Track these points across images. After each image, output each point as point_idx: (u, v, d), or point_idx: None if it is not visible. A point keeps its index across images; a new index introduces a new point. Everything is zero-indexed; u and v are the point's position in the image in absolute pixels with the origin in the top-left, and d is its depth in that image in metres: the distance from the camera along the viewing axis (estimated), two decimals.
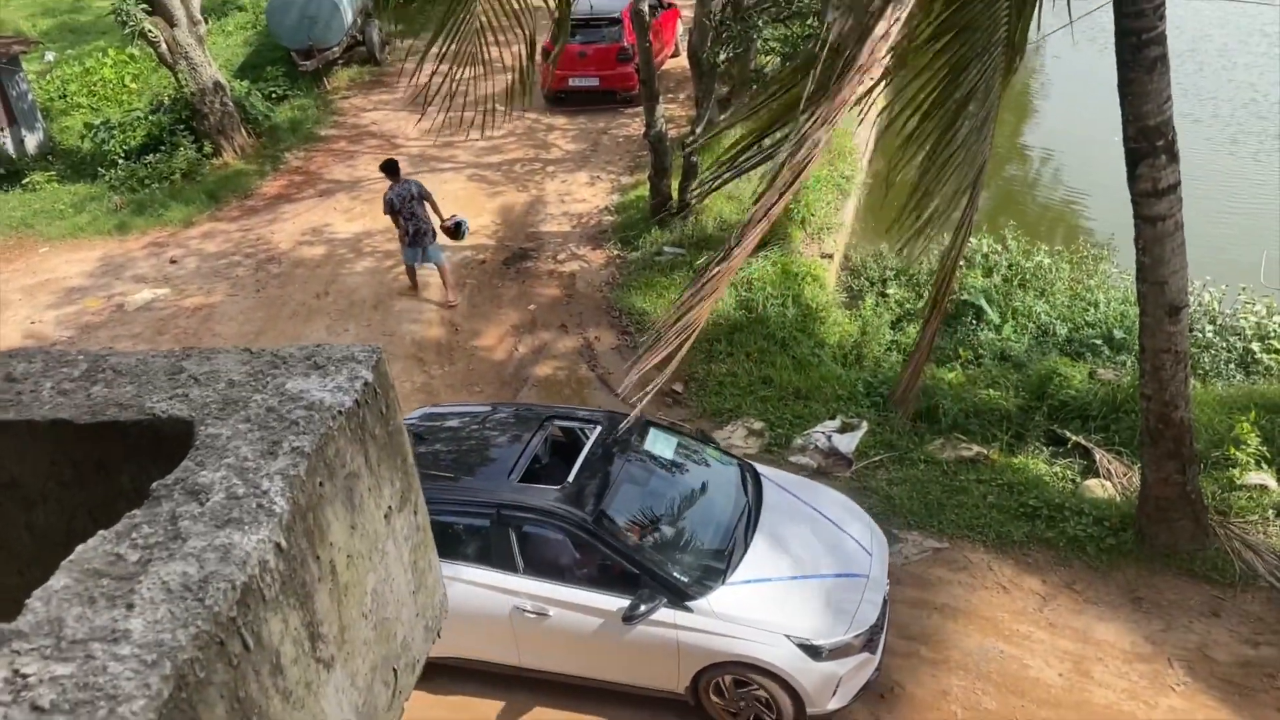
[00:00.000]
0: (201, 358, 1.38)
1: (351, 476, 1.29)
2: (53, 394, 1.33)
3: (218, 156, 16.49)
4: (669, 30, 18.25)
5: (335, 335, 12.12)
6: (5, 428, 1.31)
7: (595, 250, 13.82)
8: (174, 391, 1.32)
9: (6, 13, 25.08)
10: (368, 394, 1.32)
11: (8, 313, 13.12)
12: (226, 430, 1.24)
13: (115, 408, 1.30)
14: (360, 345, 1.38)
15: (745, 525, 6.94)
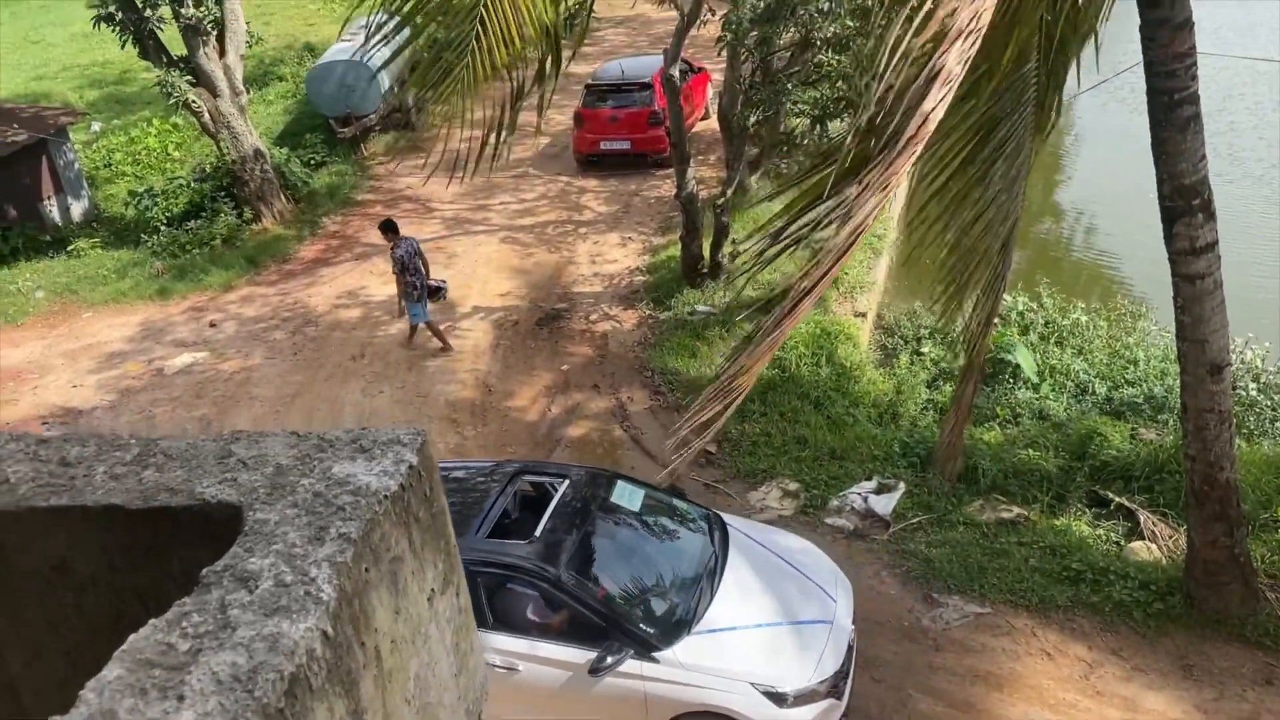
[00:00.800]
0: (250, 441, 1.39)
1: (396, 560, 1.29)
2: (105, 479, 1.35)
3: (257, 222, 16.84)
4: (699, 94, 18.51)
5: (370, 397, 12.23)
6: (59, 512, 1.32)
7: (627, 310, 13.89)
8: (223, 476, 1.33)
9: (55, 85, 25.94)
10: (412, 477, 1.33)
11: (50, 377, 13.36)
12: (274, 515, 1.25)
13: (166, 493, 1.31)
14: (405, 428, 1.39)
15: (712, 575, 7.01)
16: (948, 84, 3.66)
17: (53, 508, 1.33)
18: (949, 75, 3.68)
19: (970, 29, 3.70)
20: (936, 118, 3.69)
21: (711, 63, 18.66)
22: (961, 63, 3.68)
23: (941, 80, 3.65)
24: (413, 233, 16.59)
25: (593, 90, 17.77)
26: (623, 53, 21.80)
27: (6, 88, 25.39)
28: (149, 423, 12.11)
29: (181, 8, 15.48)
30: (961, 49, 3.68)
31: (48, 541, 1.36)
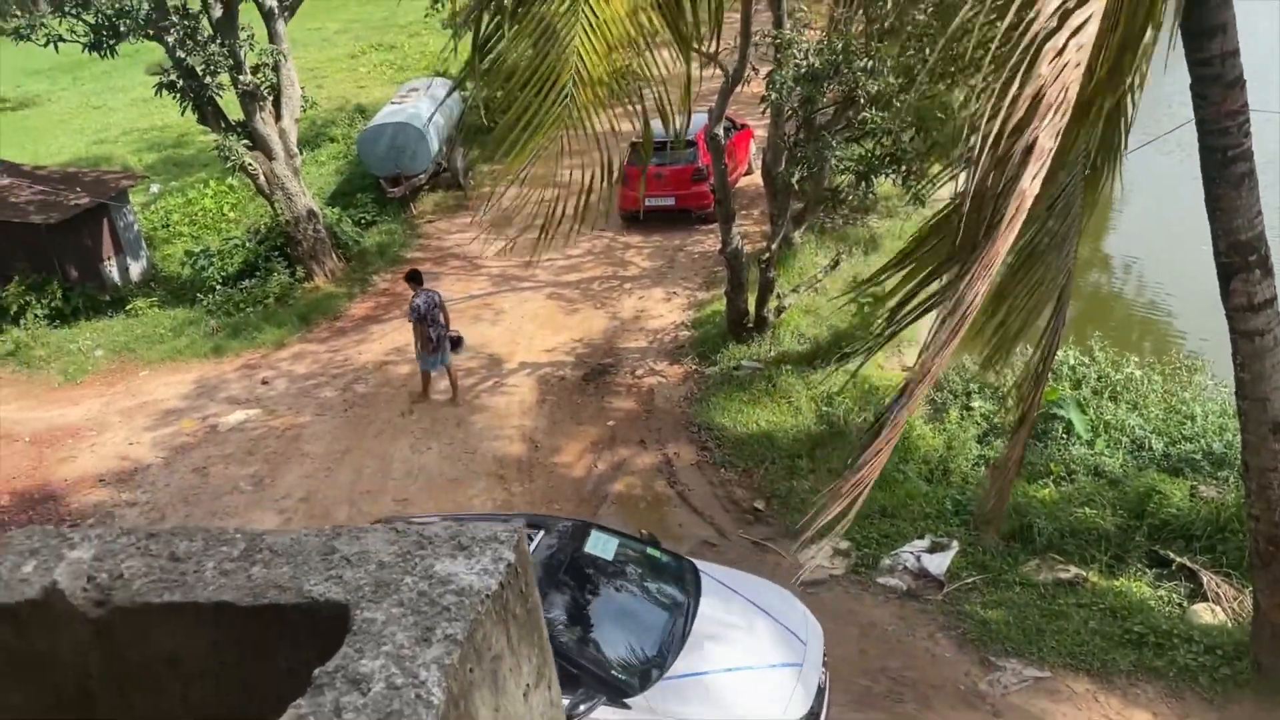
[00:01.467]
0: (351, 537, 1.43)
1: (496, 659, 1.32)
2: (215, 575, 1.39)
3: (309, 280, 17.18)
4: (743, 150, 18.69)
5: (419, 454, 12.33)
6: (172, 609, 1.36)
7: (673, 365, 13.94)
8: (328, 573, 1.37)
9: (115, 148, 26.82)
10: (510, 574, 1.36)
11: (108, 434, 13.65)
12: (381, 615, 1.28)
13: (275, 590, 1.35)
14: (502, 525, 1.43)
15: (684, 621, 7.11)
16: (1041, 160, 3.67)
17: (166, 604, 1.38)
18: (1042, 151, 3.69)
19: (1060, 102, 3.72)
20: (1033, 194, 3.69)
21: (754, 119, 18.86)
22: (1053, 137, 3.69)
23: (1036, 156, 3.66)
24: (460, 289, 16.92)
25: (637, 148, 17.96)
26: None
27: (69, 151, 26.31)
28: (202, 479, 12.31)
29: (240, 75, 15.99)
30: (1054, 123, 3.69)
31: (160, 636, 1.40)
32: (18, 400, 14.84)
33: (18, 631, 1.46)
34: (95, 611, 1.43)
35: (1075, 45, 3.88)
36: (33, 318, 16.56)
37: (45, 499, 12.20)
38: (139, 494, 12.14)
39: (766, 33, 12.66)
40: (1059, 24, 3.91)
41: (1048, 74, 3.77)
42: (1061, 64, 3.84)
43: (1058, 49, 3.84)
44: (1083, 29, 3.92)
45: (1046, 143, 3.71)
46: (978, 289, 3.86)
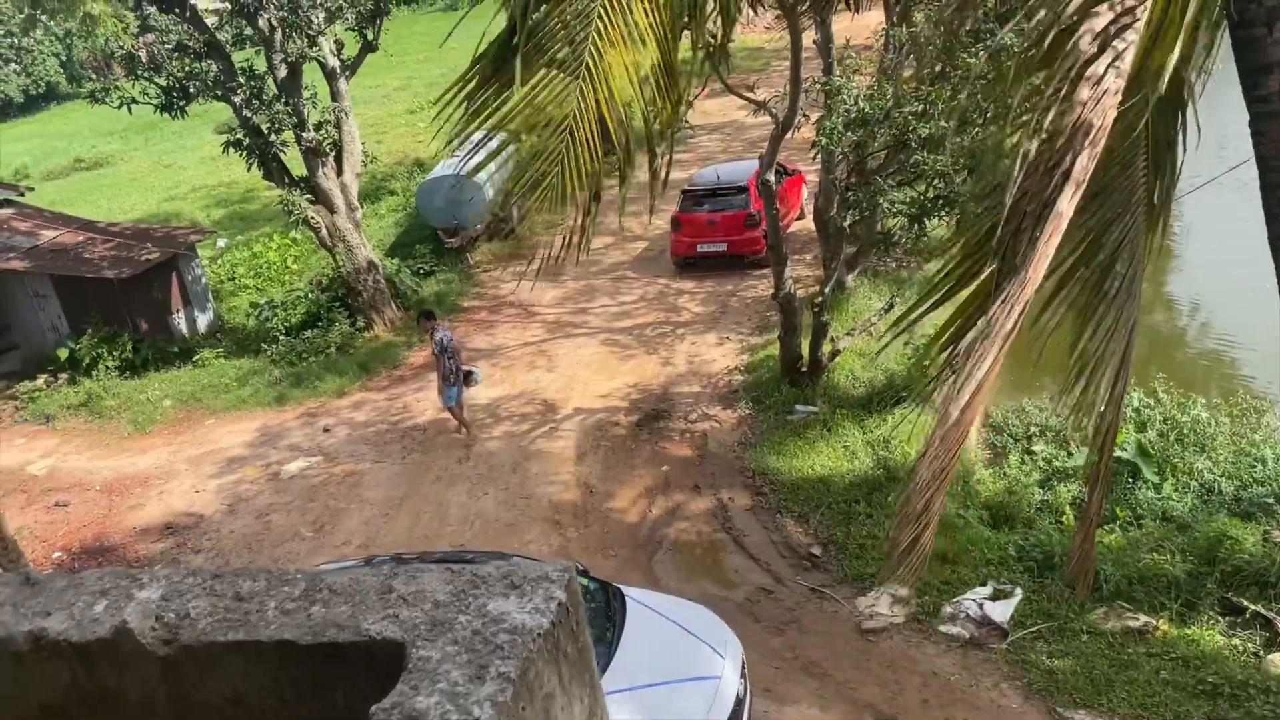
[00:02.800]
0: (408, 576, 1.47)
1: (548, 697, 1.34)
2: (277, 614, 1.44)
3: (369, 330, 17.53)
4: (794, 195, 18.76)
5: (475, 500, 12.42)
6: (236, 647, 1.41)
7: (726, 410, 13.91)
8: (385, 612, 1.41)
9: (185, 204, 27.76)
10: (562, 614, 1.39)
11: (174, 482, 13.97)
12: (436, 653, 1.31)
13: (334, 628, 1.39)
14: (553, 564, 1.46)
15: (609, 643, 7.48)
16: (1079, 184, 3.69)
17: (230, 642, 1.42)
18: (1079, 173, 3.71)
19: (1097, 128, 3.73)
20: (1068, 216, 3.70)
21: (806, 164, 18.95)
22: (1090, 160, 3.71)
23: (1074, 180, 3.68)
24: (515, 337, 17.15)
25: (689, 195, 18.17)
26: (717, 158, 22.30)
27: (141, 209, 27.29)
28: (264, 526, 12.52)
29: (303, 132, 16.50)
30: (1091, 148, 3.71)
31: (224, 674, 1.45)
32: (90, 450, 15.28)
33: (89, 669, 1.52)
34: (163, 650, 1.48)
35: (1114, 72, 3.89)
36: (104, 369, 17.10)
37: (114, 546, 12.49)
38: (204, 541, 12.38)
39: (816, 79, 12.76)
40: (1099, 50, 3.93)
41: (1087, 99, 3.79)
42: (1100, 90, 3.85)
43: (1097, 76, 3.86)
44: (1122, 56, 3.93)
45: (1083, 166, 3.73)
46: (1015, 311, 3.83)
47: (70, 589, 1.56)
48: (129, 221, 21.98)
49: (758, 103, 13.02)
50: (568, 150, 5.54)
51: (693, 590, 10.29)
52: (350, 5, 16.57)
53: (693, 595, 10.22)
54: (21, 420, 16.62)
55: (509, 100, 5.64)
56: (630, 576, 10.70)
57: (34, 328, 18.45)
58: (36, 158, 35.53)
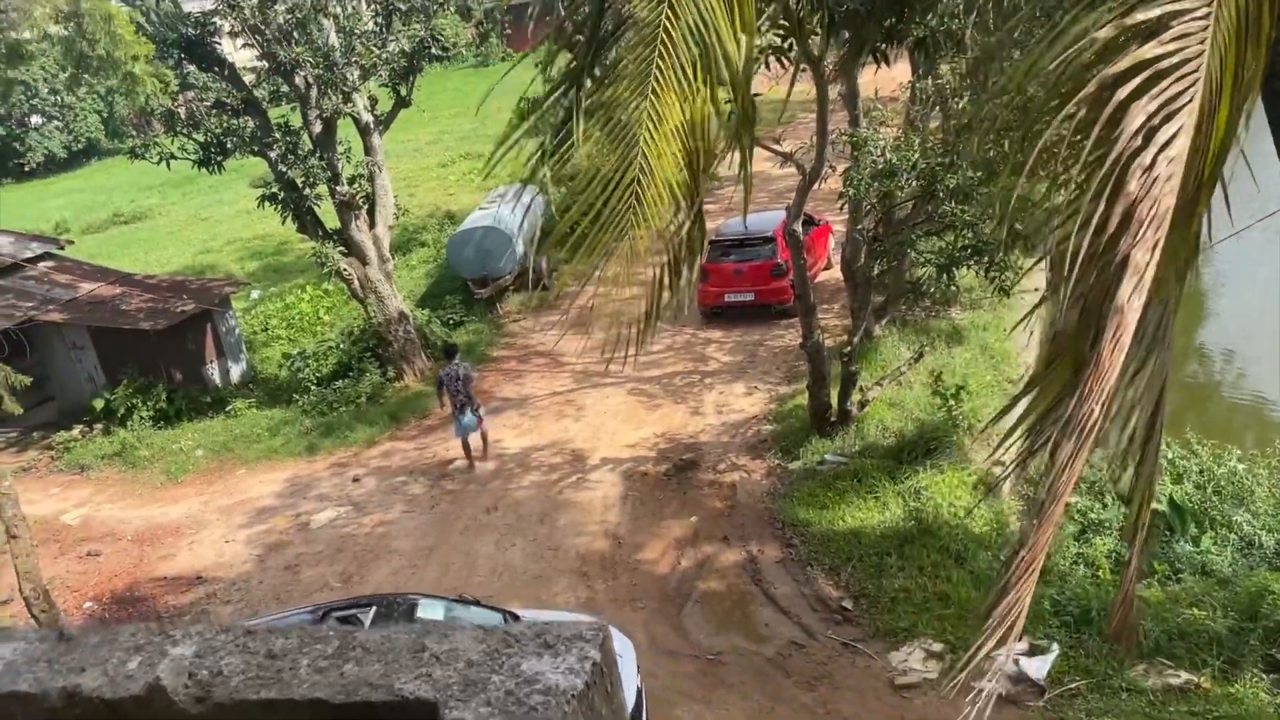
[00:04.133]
0: (440, 635, 1.47)
1: None
2: (310, 671, 1.44)
3: (399, 380, 17.65)
4: (821, 245, 18.80)
5: (504, 550, 12.39)
6: (268, 705, 1.41)
7: (755, 460, 13.83)
8: (418, 671, 1.40)
9: (221, 257, 28.24)
10: (596, 674, 1.38)
11: (205, 532, 14.05)
12: (469, 714, 1.31)
13: (367, 687, 1.39)
14: (587, 622, 1.45)
15: None
16: (1139, 275, 3.56)
17: (263, 700, 1.42)
18: (1139, 266, 3.59)
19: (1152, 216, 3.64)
20: (1134, 310, 3.58)
21: (832, 214, 19.01)
22: (1149, 251, 3.59)
23: (1132, 271, 3.57)
24: (544, 386, 17.23)
25: (716, 245, 18.26)
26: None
27: (177, 261, 27.79)
28: (294, 577, 12.54)
29: (337, 186, 16.81)
30: (1148, 239, 3.62)
31: None
32: (123, 499, 15.42)
33: None
34: (196, 708, 1.48)
35: (1165, 159, 3.83)
36: (139, 419, 17.30)
37: (145, 597, 12.55)
38: (233, 592, 12.41)
39: (843, 131, 12.85)
40: (1145, 142, 3.86)
41: (1137, 190, 3.72)
42: (1150, 179, 3.78)
43: (1145, 165, 3.80)
44: (1171, 143, 3.87)
45: (1142, 257, 3.62)
46: (1092, 407, 3.73)
47: (104, 645, 1.56)
48: (165, 274, 22.38)
49: (785, 155, 13.13)
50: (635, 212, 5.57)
51: (722, 644, 10.18)
52: (384, 63, 16.93)
53: (722, 649, 10.11)
54: (57, 470, 16.83)
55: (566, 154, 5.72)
56: (658, 629, 10.59)
57: (71, 378, 18.74)
58: (77, 212, 36.33)
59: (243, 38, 16.26)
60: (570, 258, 6.23)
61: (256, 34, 15.95)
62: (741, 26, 5.94)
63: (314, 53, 16.06)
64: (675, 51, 5.69)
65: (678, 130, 5.91)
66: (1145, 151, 4.04)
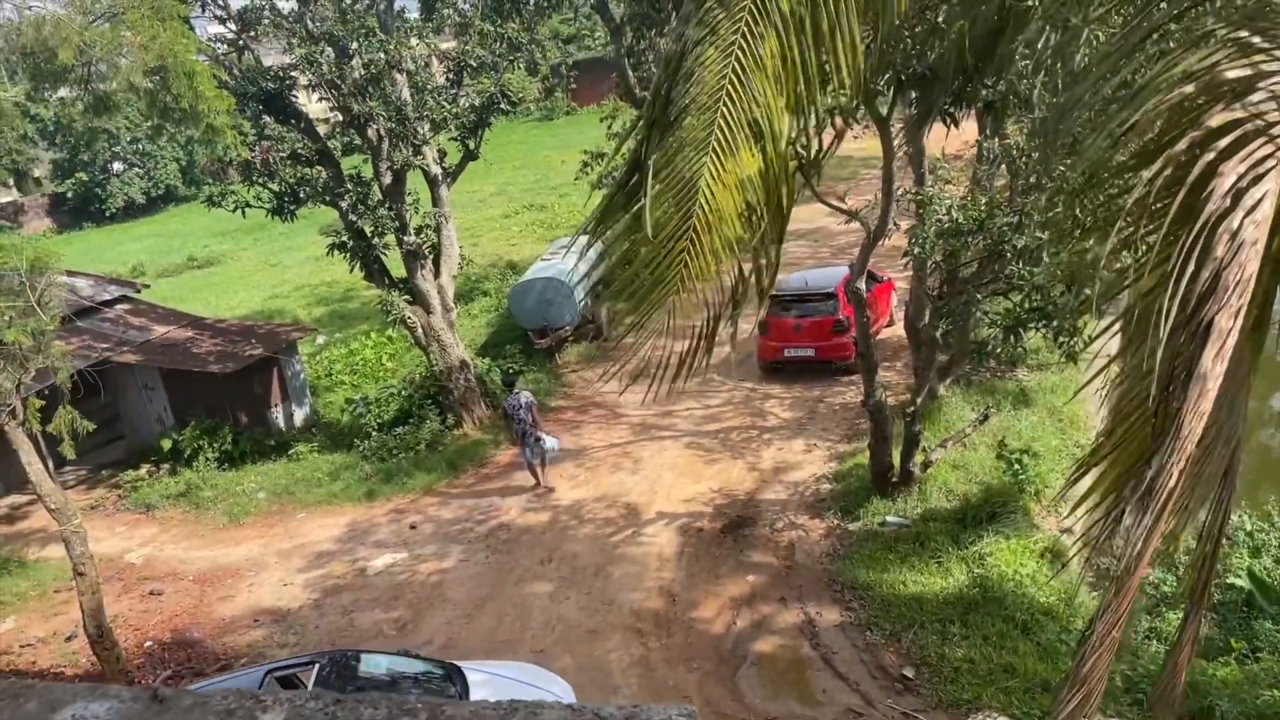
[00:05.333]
0: (528, 712, 1.45)
1: None
2: None
3: (459, 428, 17.79)
4: (884, 302, 18.68)
5: (558, 603, 12.32)
6: None
7: (814, 519, 13.64)
8: None
9: (289, 303, 28.89)
10: None
11: (264, 574, 14.20)
12: None
13: None
14: (676, 707, 1.42)
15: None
16: (1221, 340, 3.49)
17: None
18: (1222, 332, 3.51)
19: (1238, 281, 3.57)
20: (1216, 376, 3.50)
21: (895, 271, 18.90)
22: (1232, 317, 3.52)
23: (1215, 337, 3.49)
24: (601, 438, 17.21)
25: (777, 300, 18.23)
26: (805, 264, 22.42)
27: (247, 305, 28.49)
28: (349, 622, 12.59)
29: (405, 236, 17.14)
30: (1233, 304, 3.54)
31: None
32: (186, 539, 15.68)
33: None
34: None
35: (1251, 223, 3.76)
36: (204, 460, 17.64)
37: (204, 638, 12.68)
38: (290, 635, 12.49)
39: (908, 190, 12.81)
40: (1232, 204, 3.80)
41: (1224, 255, 3.65)
42: (1236, 244, 3.72)
43: (1232, 229, 3.73)
44: (1258, 207, 3.80)
45: (1225, 323, 3.54)
46: (1172, 476, 3.63)
47: (196, 708, 1.58)
48: (235, 318, 22.94)
49: (849, 213, 13.11)
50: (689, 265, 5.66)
51: (778, 709, 9.97)
52: (455, 117, 17.32)
53: (778, 714, 9.89)
54: (124, 508, 17.18)
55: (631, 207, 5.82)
56: (713, 690, 10.42)
57: (141, 418, 19.21)
58: (153, 255, 37.54)
59: (319, 91, 16.76)
60: (630, 309, 6.28)
61: (333, 88, 16.44)
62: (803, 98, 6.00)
63: (387, 106, 16.49)
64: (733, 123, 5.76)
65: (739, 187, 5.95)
66: (1233, 214, 3.96)
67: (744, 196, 6.20)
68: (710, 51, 5.87)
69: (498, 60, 17.65)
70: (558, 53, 21.82)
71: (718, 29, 5.75)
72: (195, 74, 12.88)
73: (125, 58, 12.86)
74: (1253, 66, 4.32)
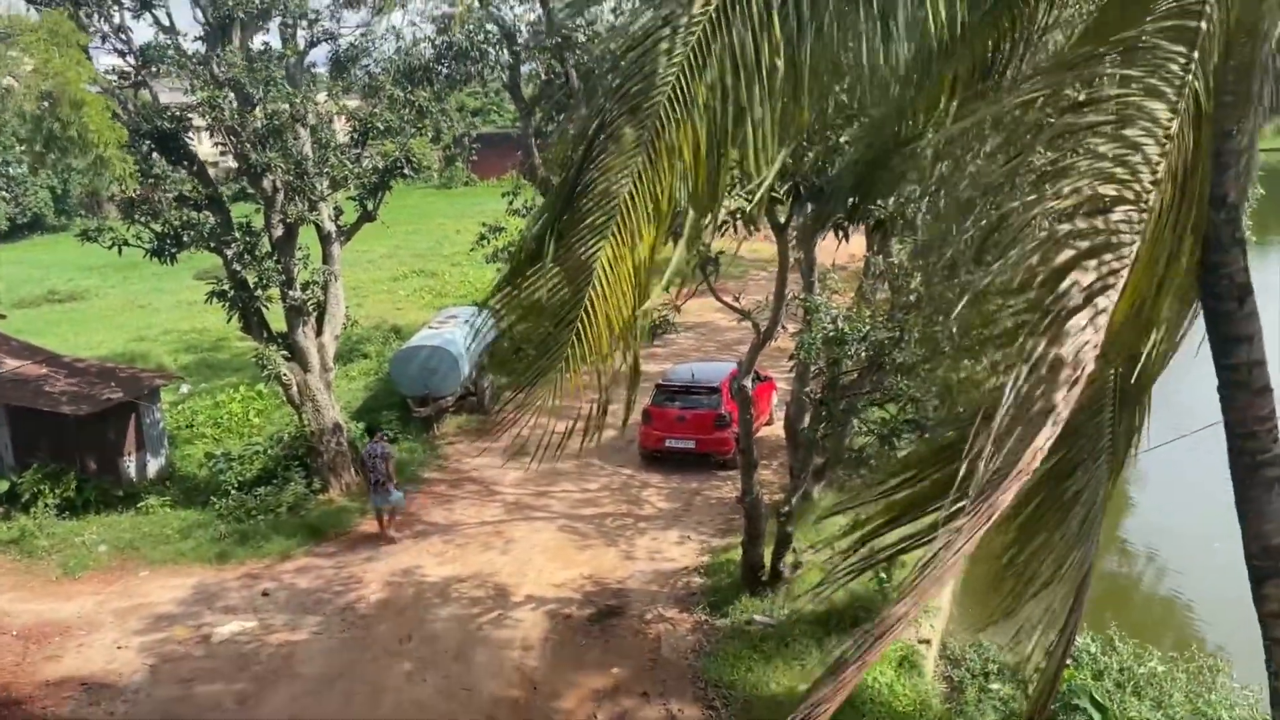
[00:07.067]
0: None
1: None
2: None
3: (325, 492, 17.17)
4: (765, 401, 19.06)
5: (414, 684, 11.87)
6: None
7: (682, 613, 13.58)
8: None
9: (154, 346, 27.66)
10: None
11: (96, 635, 13.24)
12: None
13: None
14: None
15: None
16: (1056, 423, 3.94)
17: None
18: (1059, 417, 3.95)
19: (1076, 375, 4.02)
20: (1043, 452, 3.94)
21: (776, 370, 19.37)
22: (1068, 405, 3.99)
23: (1053, 419, 3.93)
24: (473, 514, 16.89)
25: (663, 390, 18.43)
26: (691, 356, 22.77)
27: (108, 346, 27.11)
28: (186, 693, 11.82)
29: (290, 290, 16.70)
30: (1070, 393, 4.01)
31: None
32: (13, 590, 14.54)
33: None
34: None
35: (1094, 328, 4.21)
36: (43, 506, 16.49)
37: (22, 700, 11.69)
38: (118, 704, 11.62)
39: (797, 295, 13.22)
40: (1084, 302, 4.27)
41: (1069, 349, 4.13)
42: (1081, 341, 4.16)
43: (1079, 327, 4.18)
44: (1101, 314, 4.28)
45: (1063, 410, 4.03)
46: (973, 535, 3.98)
47: None
48: (95, 358, 21.74)
49: (743, 312, 13.43)
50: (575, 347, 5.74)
51: None
52: (356, 177, 17.12)
53: None
54: None
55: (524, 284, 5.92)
56: None
57: None
58: (10, 285, 35.48)
59: (217, 136, 16.37)
60: (512, 382, 6.26)
61: (232, 134, 16.08)
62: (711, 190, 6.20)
63: (286, 159, 16.19)
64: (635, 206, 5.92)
65: (629, 275, 6.06)
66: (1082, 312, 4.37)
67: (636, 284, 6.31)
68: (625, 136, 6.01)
69: (405, 125, 17.61)
70: (463, 124, 21.90)
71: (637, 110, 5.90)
72: (84, 104, 12.42)
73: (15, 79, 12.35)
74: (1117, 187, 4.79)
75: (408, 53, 19.64)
